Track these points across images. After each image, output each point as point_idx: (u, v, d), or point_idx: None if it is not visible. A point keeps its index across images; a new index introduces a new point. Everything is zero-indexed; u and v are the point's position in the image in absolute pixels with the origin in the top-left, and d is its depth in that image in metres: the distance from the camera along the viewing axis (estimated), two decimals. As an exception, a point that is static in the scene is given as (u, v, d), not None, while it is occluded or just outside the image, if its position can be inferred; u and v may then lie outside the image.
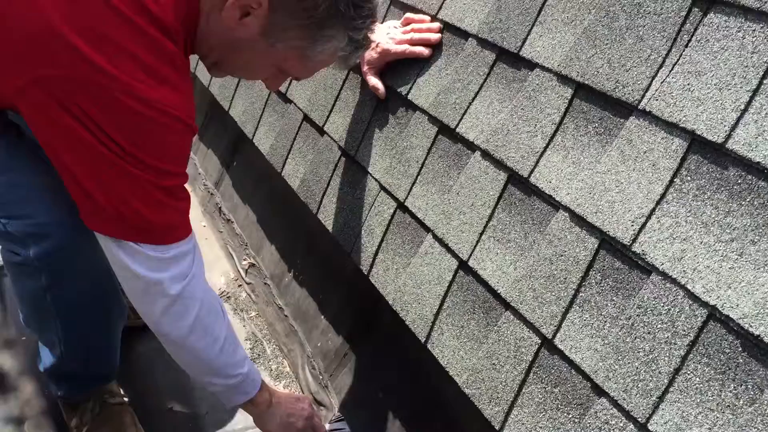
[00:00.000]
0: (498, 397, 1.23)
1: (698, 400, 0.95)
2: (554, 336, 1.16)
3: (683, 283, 0.99)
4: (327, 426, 1.71)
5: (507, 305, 1.27)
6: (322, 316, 1.98)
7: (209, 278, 2.31)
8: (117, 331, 1.64)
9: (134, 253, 1.21)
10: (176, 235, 1.25)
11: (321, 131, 1.90)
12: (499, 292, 1.28)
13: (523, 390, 1.20)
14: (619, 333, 1.07)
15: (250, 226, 2.40)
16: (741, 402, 0.91)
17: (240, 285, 2.31)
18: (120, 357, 1.79)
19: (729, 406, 0.92)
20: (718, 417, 0.93)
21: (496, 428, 1.23)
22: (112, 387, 1.75)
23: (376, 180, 1.66)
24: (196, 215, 2.66)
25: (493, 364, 1.26)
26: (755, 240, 0.93)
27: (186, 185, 1.28)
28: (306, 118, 1.97)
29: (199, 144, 2.87)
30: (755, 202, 0.95)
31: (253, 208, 2.41)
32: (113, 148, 1.12)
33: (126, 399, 1.76)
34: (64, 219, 1.30)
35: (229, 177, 2.61)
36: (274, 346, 2.09)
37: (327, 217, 1.80)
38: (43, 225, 1.31)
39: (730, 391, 0.92)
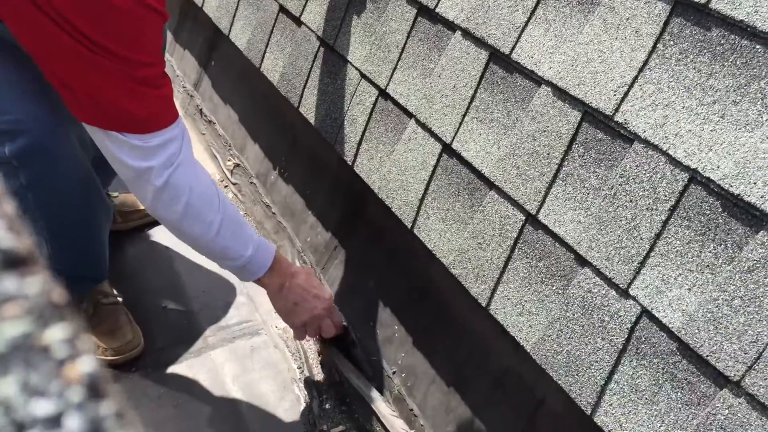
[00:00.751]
0: (484, 275, 1.25)
1: (678, 263, 0.97)
2: (538, 211, 1.17)
3: (665, 149, 0.99)
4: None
5: (491, 185, 1.27)
6: (310, 212, 1.98)
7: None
8: (103, 233, 1.65)
9: (120, 143, 1.21)
10: (159, 123, 1.24)
11: (298, 22, 1.84)
12: (483, 172, 1.28)
13: (509, 266, 1.22)
14: (602, 203, 1.07)
15: (232, 126, 2.37)
16: (720, 261, 0.93)
17: (226, 186, 2.31)
18: (111, 259, 1.80)
19: (708, 266, 0.94)
20: (697, 277, 0.95)
21: (483, 305, 1.26)
22: (105, 288, 1.77)
23: (356, 68, 1.62)
24: (177, 119, 2.61)
25: (479, 243, 1.27)
26: (737, 100, 0.93)
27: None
28: (282, 9, 1.91)
29: (175, 45, 2.79)
30: (738, 62, 0.93)
31: (235, 108, 2.37)
32: (83, 41, 1.09)
33: (120, 299, 1.79)
34: (41, 116, 1.28)
35: (208, 77, 2.55)
36: (264, 243, 2.10)
37: (309, 110, 1.77)
38: (19, 121, 1.28)
39: (710, 251, 0.94)
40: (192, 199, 1.31)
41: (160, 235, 2.09)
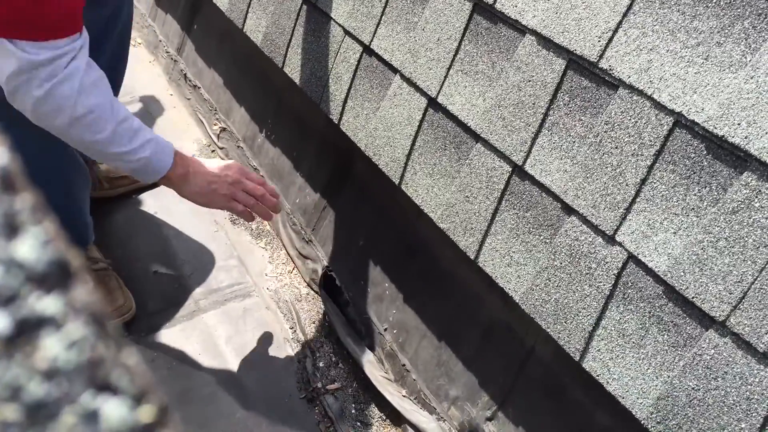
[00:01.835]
0: (472, 228, 1.26)
1: (664, 207, 0.97)
2: (524, 162, 1.17)
3: (650, 93, 0.98)
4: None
5: (477, 137, 1.26)
6: (298, 173, 1.98)
7: (182, 146, 2.29)
8: (82, 199, 1.63)
9: (5, 53, 1.15)
10: (58, 30, 1.17)
11: (279, -20, 1.81)
12: (469, 125, 1.27)
13: (496, 218, 1.22)
14: (588, 151, 1.07)
15: (217, 90, 2.35)
16: (705, 204, 0.93)
17: (213, 150, 2.29)
18: (99, 226, 1.80)
19: (693, 208, 0.94)
20: (683, 221, 0.95)
21: (472, 258, 1.26)
22: (93, 253, 1.76)
23: (339, 25, 1.60)
24: (161, 84, 2.58)
25: (466, 196, 1.27)
26: (721, 42, 0.92)
27: (149, 53, 1.21)
28: (263, -33, 1.88)
29: (157, 9, 2.74)
30: (721, 2, 0.92)
31: (219, 71, 2.34)
32: None
33: (110, 264, 1.78)
34: None
35: (191, 41, 2.51)
36: (252, 206, 2.10)
37: (293, 70, 1.75)
38: None
39: (695, 194, 0.94)
40: (77, 112, 1.24)
41: (147, 200, 2.08)
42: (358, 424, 1.56)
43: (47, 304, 0.18)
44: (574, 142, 1.10)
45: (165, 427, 0.16)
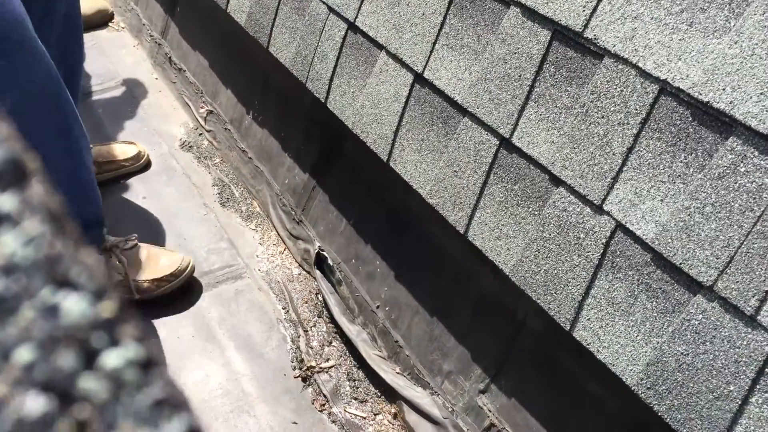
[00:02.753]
0: (461, 202, 1.26)
1: (650, 175, 0.97)
2: (512, 135, 1.17)
3: (635, 61, 0.98)
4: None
5: (464, 111, 1.26)
6: (286, 154, 1.97)
7: (168, 130, 2.28)
8: (89, 163, 1.63)
9: None
10: None
11: (262, -42, 1.79)
12: (455, 99, 1.27)
13: (485, 192, 1.23)
14: (574, 122, 1.07)
15: (203, 73, 2.33)
16: (691, 170, 0.93)
17: (201, 133, 2.28)
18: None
19: (680, 175, 0.95)
20: (669, 188, 0.95)
21: (461, 232, 1.27)
22: (115, 239, 1.77)
23: (323, 2, 1.59)
24: (146, 68, 2.56)
25: (455, 171, 1.27)
26: (704, 7, 0.92)
27: (132, 37, 1.20)
28: (245, -54, 1.86)
29: (139, -7, 2.71)
30: (705, -32, 0.92)
31: (204, 54, 2.33)
32: None
33: (136, 237, 1.79)
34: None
35: (175, 24, 2.49)
36: (242, 188, 2.09)
37: (278, 49, 1.74)
38: None
39: (681, 161, 0.94)
40: None
41: (136, 185, 2.08)
42: (353, 401, 1.57)
43: (2, 201, 0.18)
44: (560, 113, 1.10)
45: (125, 322, 0.16)
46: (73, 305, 0.16)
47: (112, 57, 2.59)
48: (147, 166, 2.15)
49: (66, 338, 0.16)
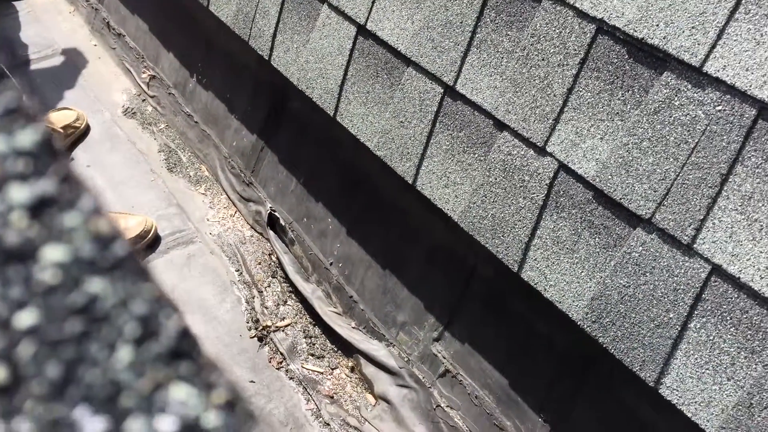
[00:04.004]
0: (408, 153, 1.26)
1: (590, 114, 0.99)
2: (455, 82, 1.18)
3: (572, 2, 1.00)
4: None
5: (408, 61, 1.26)
6: (233, 116, 1.94)
7: (109, 98, 2.23)
8: None
9: None
10: None
11: None
12: (399, 49, 1.27)
13: (431, 141, 1.23)
14: (516, 66, 1.08)
15: (143, 37, 2.27)
16: (628, 107, 0.95)
17: (144, 99, 2.23)
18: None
19: (618, 113, 0.97)
20: (608, 126, 0.98)
21: (410, 182, 1.27)
22: None
23: (263, -43, 1.56)
24: (84, 35, 2.48)
25: (401, 122, 1.27)
26: (638, -55, 0.93)
27: (68, 3, 1.16)
28: None
29: (72, -44, 2.61)
30: None
31: (143, 17, 2.26)
32: None
33: None
34: None
35: (112, -12, 2.41)
36: (189, 153, 2.06)
37: (219, 8, 1.70)
38: None
39: (619, 99, 0.96)
40: None
41: (79, 154, 2.02)
42: (310, 357, 1.59)
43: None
44: (502, 57, 1.11)
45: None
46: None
47: (48, 24, 2.50)
48: (87, 130, 2.09)
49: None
